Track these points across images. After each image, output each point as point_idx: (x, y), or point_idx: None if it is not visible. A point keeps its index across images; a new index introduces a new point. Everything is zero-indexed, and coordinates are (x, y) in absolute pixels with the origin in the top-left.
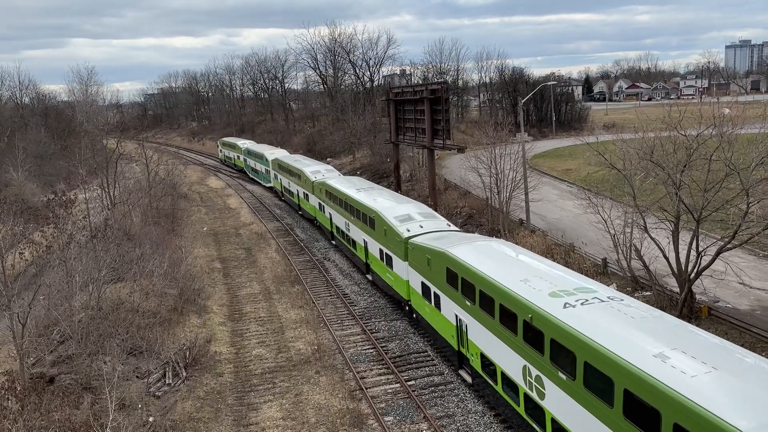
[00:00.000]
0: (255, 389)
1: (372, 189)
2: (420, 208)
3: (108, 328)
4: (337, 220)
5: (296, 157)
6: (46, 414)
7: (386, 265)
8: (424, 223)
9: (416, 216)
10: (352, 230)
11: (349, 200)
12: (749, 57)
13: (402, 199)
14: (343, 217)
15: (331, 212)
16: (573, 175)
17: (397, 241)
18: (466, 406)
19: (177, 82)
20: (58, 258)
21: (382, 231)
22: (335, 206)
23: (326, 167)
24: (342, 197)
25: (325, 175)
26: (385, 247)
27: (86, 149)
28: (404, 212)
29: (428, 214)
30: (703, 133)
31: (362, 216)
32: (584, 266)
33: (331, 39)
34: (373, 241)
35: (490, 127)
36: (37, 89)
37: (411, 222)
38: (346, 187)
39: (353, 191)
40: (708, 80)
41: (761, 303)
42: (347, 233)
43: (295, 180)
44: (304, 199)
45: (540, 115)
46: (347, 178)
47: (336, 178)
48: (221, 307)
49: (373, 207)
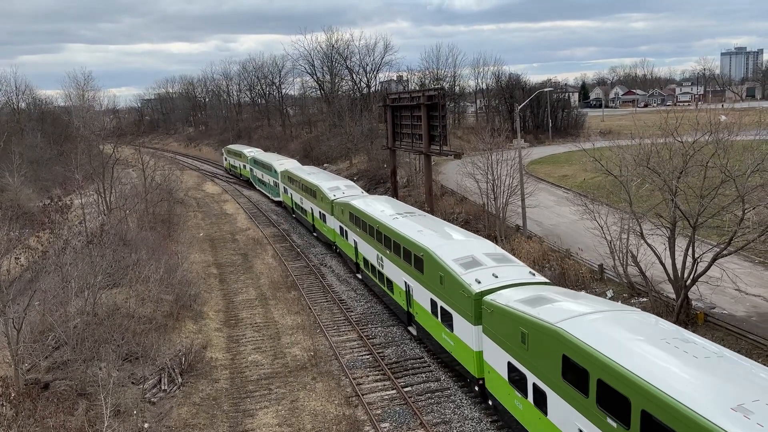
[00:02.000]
0: (251, 395)
1: (412, 215)
2: (486, 247)
3: (103, 333)
4: (365, 250)
5: (309, 169)
6: (40, 420)
7: (442, 322)
8: (499, 270)
9: (485, 259)
10: (388, 267)
11: (382, 229)
12: (744, 64)
13: (456, 231)
14: (374, 249)
15: (356, 239)
16: (569, 181)
17: (463, 297)
18: (462, 412)
19: (174, 88)
20: (53, 263)
21: (436, 277)
22: (362, 233)
23: (345, 183)
24: (373, 224)
25: (345, 193)
26: (441, 299)
27: (82, 154)
28: (467, 253)
29: (500, 256)
30: (699, 139)
31: (404, 252)
32: (581, 272)
33: (328, 45)
34: (421, 287)
35: (487, 133)
36: (33, 94)
37: (480, 269)
38: (377, 210)
39: (388, 217)
40: (704, 87)
41: (757, 309)
42: (379, 269)
43: (309, 197)
44: (320, 220)
45: (536, 121)
46: (376, 199)
47: (361, 198)
48: (217, 313)
49: (420, 243)
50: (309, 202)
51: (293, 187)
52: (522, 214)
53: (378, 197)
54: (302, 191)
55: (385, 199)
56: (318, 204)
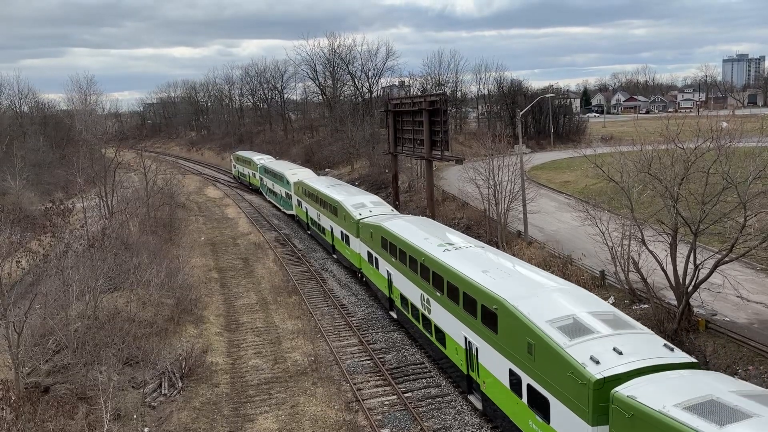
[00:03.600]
0: (251, 400)
1: (467, 247)
2: (587, 301)
3: (104, 337)
4: (403, 285)
5: (327, 180)
6: (40, 424)
7: (529, 406)
8: (619, 340)
9: (592, 321)
10: (438, 313)
11: (430, 263)
12: (746, 71)
13: (536, 274)
14: (417, 287)
15: (390, 271)
16: (571, 187)
17: (573, 382)
18: (463, 418)
19: (176, 92)
20: (54, 267)
21: (519, 342)
22: (399, 265)
23: (371, 198)
24: (415, 255)
25: (373, 211)
26: (528, 374)
27: (84, 158)
28: (564, 311)
29: (612, 317)
30: (701, 146)
31: (464, 299)
32: (582, 278)
33: (330, 50)
34: (492, 350)
35: (489, 139)
36: (36, 98)
37: (590, 338)
38: (419, 237)
39: (436, 248)
40: (705, 94)
41: (759, 316)
42: (424, 312)
43: (328, 213)
44: (341, 241)
45: (538, 127)
46: (412, 221)
47: (395, 220)
48: (218, 317)
49: (492, 292)
50: (328, 219)
51: (309, 201)
52: (523, 220)
53: (413, 218)
54: (320, 206)
55: (423, 222)
56: (339, 223)
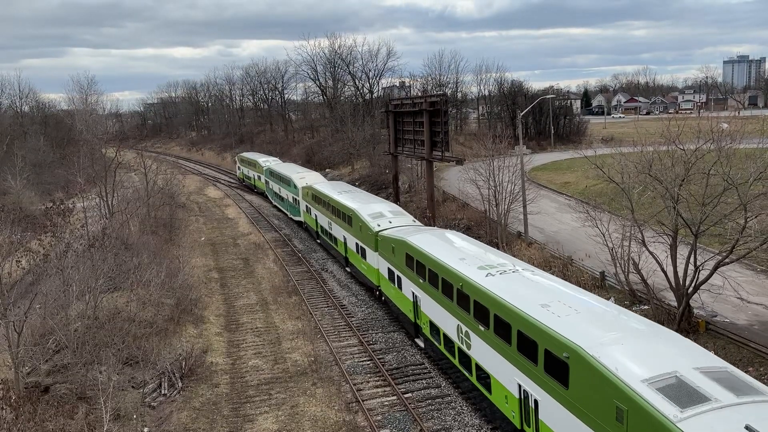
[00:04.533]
0: (251, 400)
1: (513, 270)
2: (702, 356)
3: (104, 337)
4: (434, 312)
5: (339, 185)
6: (40, 424)
7: None
8: (760, 419)
9: (715, 390)
10: (482, 351)
11: (473, 292)
12: (747, 72)
13: (624, 314)
14: (454, 317)
15: (417, 293)
16: (571, 188)
17: None
18: (463, 419)
19: (177, 92)
20: (55, 266)
21: (612, 412)
22: (429, 288)
23: (389, 207)
24: (452, 279)
25: (393, 222)
26: None
27: (85, 158)
28: (666, 369)
29: (741, 382)
30: (702, 147)
31: (519, 339)
32: (582, 279)
33: (330, 50)
34: (571, 417)
35: (489, 140)
36: (36, 98)
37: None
38: (452, 257)
39: (478, 274)
40: (706, 95)
41: (759, 318)
42: (463, 348)
43: (341, 222)
44: (356, 254)
45: (539, 128)
46: (438, 235)
47: (421, 234)
48: (218, 318)
49: (571, 342)
50: (340, 228)
51: (319, 208)
52: (524, 221)
53: (442, 233)
54: (331, 214)
55: (455, 237)
56: (355, 234)
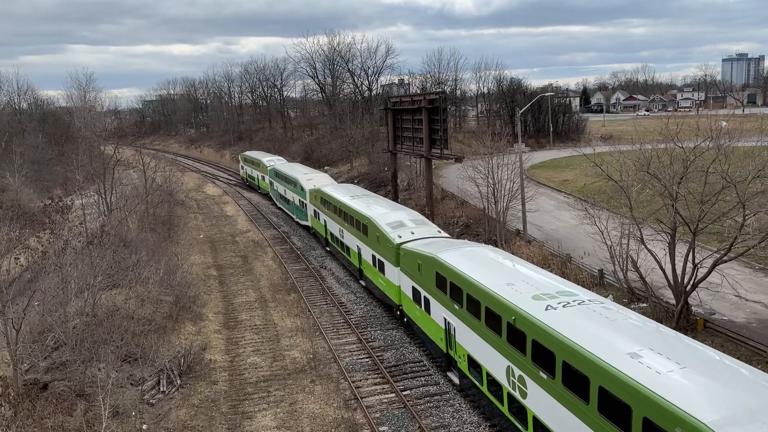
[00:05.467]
0: (249, 398)
1: (576, 301)
2: None
3: (103, 334)
4: (476, 348)
5: (351, 189)
6: (39, 421)
7: None
8: None
9: None
10: (536, 396)
11: (540, 335)
12: (746, 70)
13: (750, 372)
14: (506, 358)
15: (452, 321)
16: (570, 185)
17: None
18: (461, 416)
19: (175, 89)
20: (53, 264)
21: None
22: (465, 315)
23: (411, 215)
24: (497, 308)
25: (416, 233)
26: None
27: (83, 155)
28: None
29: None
30: (700, 145)
31: (608, 401)
32: (581, 277)
33: (329, 48)
34: None
35: (488, 137)
36: (35, 94)
37: None
38: (503, 285)
39: (545, 312)
40: (705, 93)
41: (757, 315)
42: (508, 387)
43: (355, 231)
44: (372, 267)
45: (537, 125)
46: (484, 256)
47: (461, 251)
48: (217, 315)
49: (693, 418)
50: (354, 237)
51: (328, 213)
52: (522, 219)
53: (477, 249)
54: (343, 221)
55: (496, 256)
56: (371, 245)
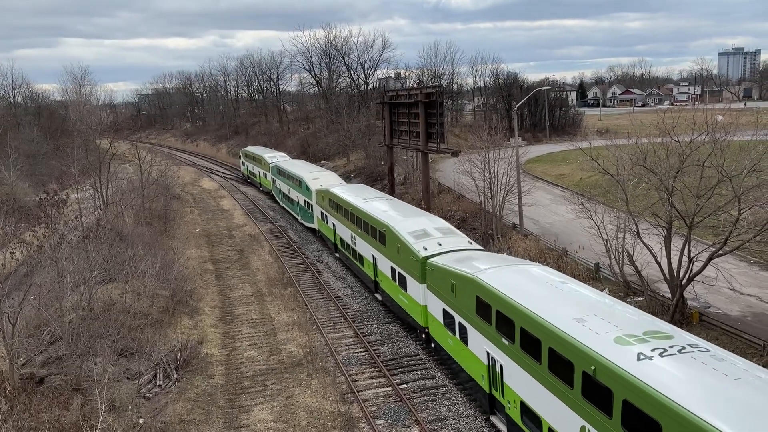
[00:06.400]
0: (246, 391)
1: (715, 364)
2: None
3: (99, 328)
4: (534, 394)
5: (362, 190)
6: (35, 415)
7: None
8: None
9: None
10: None
11: (633, 394)
12: (742, 64)
13: None
14: (580, 416)
15: (497, 356)
16: (566, 179)
17: None
18: (458, 410)
19: (171, 83)
20: (49, 258)
21: None
22: (529, 363)
23: (435, 222)
24: (587, 365)
25: (443, 245)
26: None
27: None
28: None
29: None
30: (696, 139)
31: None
32: (577, 271)
33: (326, 41)
34: None
35: (485, 131)
36: (30, 88)
37: None
38: (571, 321)
39: (639, 363)
40: (701, 87)
41: (752, 309)
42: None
43: (370, 239)
44: (391, 281)
45: (534, 119)
46: (537, 275)
47: (503, 273)
48: (213, 309)
49: None
50: (368, 246)
51: (338, 217)
52: (519, 213)
53: (524, 268)
54: (355, 226)
55: (547, 276)
56: (389, 255)
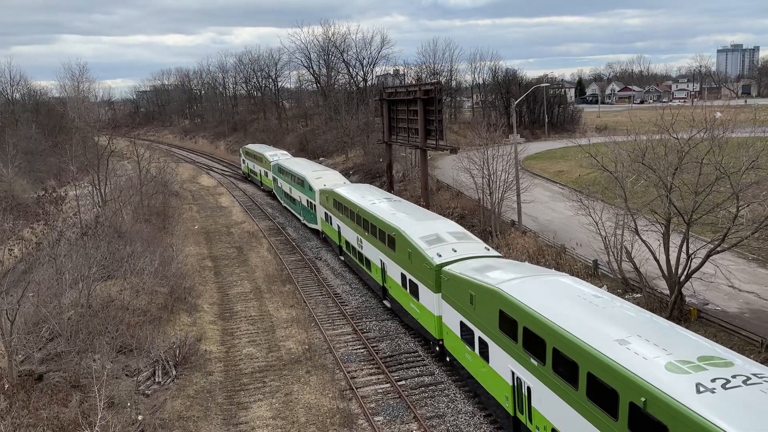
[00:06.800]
0: (245, 388)
1: None
2: None
3: (98, 325)
4: (574, 426)
5: (368, 191)
6: (34, 412)
7: None
8: None
9: None
10: None
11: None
12: (740, 61)
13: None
14: None
15: (528, 380)
16: (565, 176)
17: None
18: (456, 406)
19: (169, 80)
20: (47, 255)
21: None
22: (562, 387)
23: (449, 226)
24: (634, 395)
25: (458, 250)
26: None
27: (77, 146)
28: None
29: None
30: (695, 136)
31: None
32: (575, 268)
33: (324, 38)
34: None
35: (483, 128)
36: (28, 85)
37: None
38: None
39: (692, 390)
40: (700, 84)
41: (750, 306)
42: None
43: (378, 243)
44: (402, 289)
45: (533, 116)
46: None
47: (530, 285)
48: (212, 306)
49: None
50: (376, 249)
51: (343, 218)
52: (517, 210)
53: (553, 280)
54: (362, 229)
55: (581, 290)
56: (399, 261)
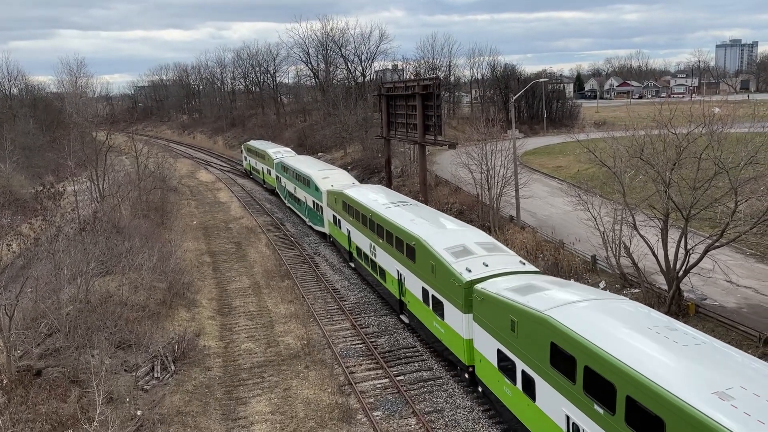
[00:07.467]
0: (244, 383)
1: None
2: None
3: (96, 321)
4: None
5: (381, 192)
6: (32, 407)
7: None
8: None
9: None
10: None
11: None
12: (739, 56)
13: None
14: None
15: (583, 424)
16: (563, 172)
17: None
18: (454, 401)
19: (167, 75)
20: (46, 250)
21: None
22: (600, 418)
23: (475, 234)
24: None
25: (489, 264)
26: None
27: (75, 141)
28: None
29: None
30: (693, 131)
31: None
32: (574, 263)
33: (323, 33)
34: None
35: (482, 124)
36: (25, 80)
37: None
38: (696, 388)
39: None
40: (698, 79)
41: (748, 301)
42: None
43: (394, 252)
44: (421, 303)
45: (531, 112)
46: (618, 311)
47: (585, 311)
48: (210, 301)
49: None
50: (393, 259)
51: (353, 223)
52: (516, 205)
53: (602, 299)
54: (376, 236)
55: (648, 317)
56: (420, 274)
